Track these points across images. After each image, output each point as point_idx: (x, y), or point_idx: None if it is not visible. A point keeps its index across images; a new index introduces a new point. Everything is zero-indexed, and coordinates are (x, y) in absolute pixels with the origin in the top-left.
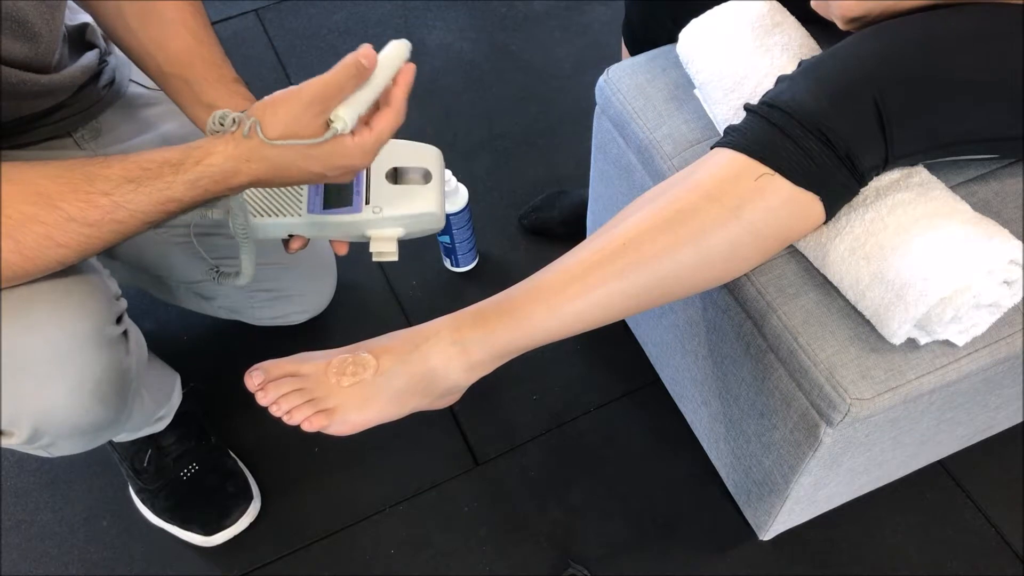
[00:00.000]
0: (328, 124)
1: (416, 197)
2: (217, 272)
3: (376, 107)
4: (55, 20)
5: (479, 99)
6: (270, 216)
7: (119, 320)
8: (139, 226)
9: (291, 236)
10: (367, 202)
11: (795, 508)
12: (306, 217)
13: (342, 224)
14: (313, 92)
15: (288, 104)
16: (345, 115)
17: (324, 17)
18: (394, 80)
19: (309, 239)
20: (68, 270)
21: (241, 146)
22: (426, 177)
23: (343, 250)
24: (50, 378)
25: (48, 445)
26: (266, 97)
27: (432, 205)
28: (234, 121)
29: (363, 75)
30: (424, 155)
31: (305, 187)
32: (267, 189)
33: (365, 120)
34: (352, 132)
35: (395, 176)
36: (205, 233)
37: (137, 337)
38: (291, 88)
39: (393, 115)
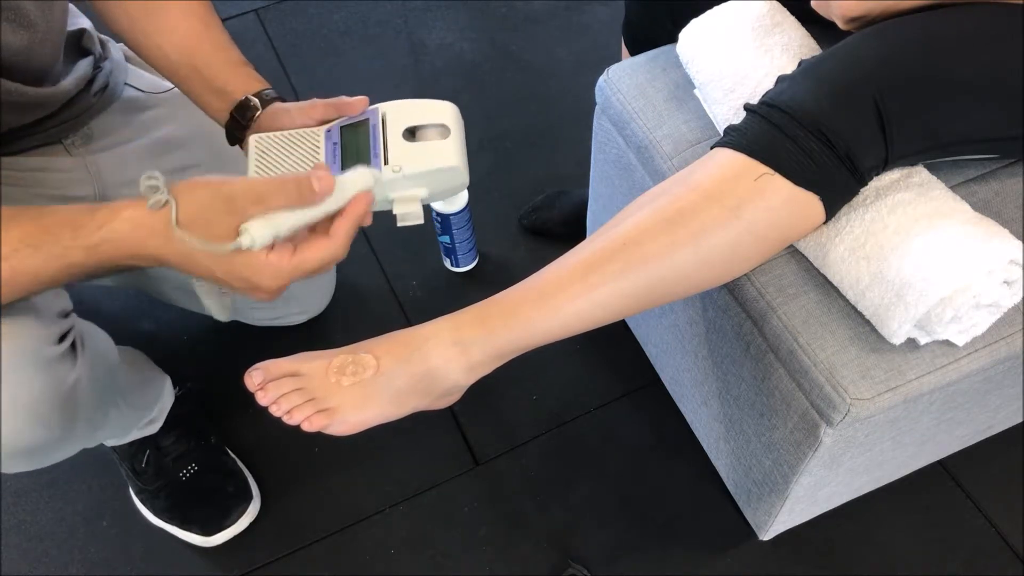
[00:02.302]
0: (239, 233)
1: (436, 152)
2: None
3: (323, 230)
4: (53, 12)
5: (479, 99)
6: None
7: (63, 338)
8: (43, 287)
9: None
10: (386, 162)
11: (795, 508)
12: None
13: None
14: (234, 190)
15: (206, 192)
16: (255, 231)
17: (324, 17)
18: (344, 209)
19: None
20: None
21: (149, 217)
22: (444, 133)
23: (368, 220)
24: None
25: None
26: (196, 177)
27: (453, 159)
28: (151, 189)
29: (303, 199)
30: (440, 111)
31: (321, 158)
32: (283, 165)
33: (295, 242)
34: (271, 249)
35: (412, 136)
36: None
37: (98, 349)
38: (219, 177)
39: (328, 248)
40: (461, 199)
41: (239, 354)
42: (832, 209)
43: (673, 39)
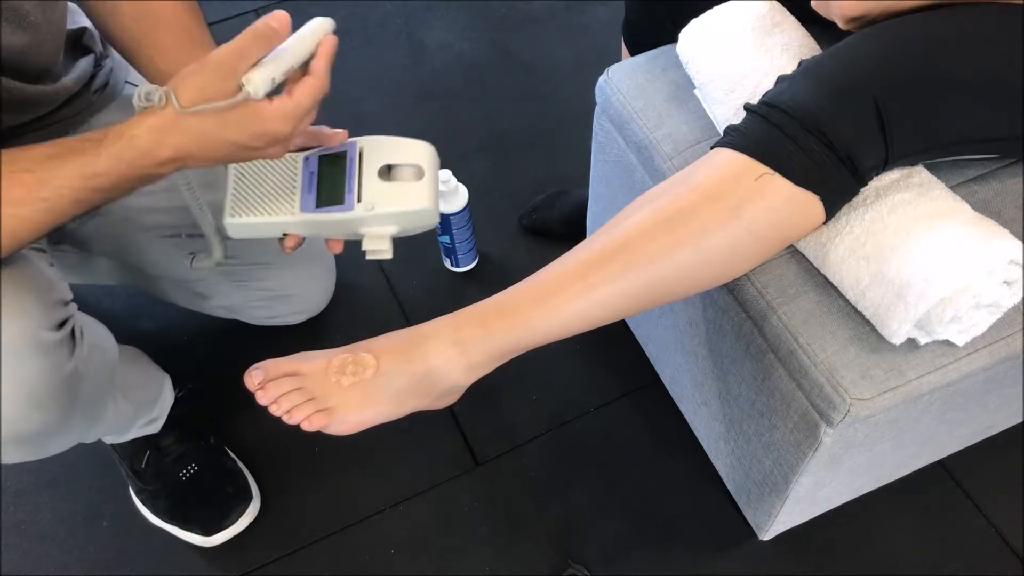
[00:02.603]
0: (241, 87)
1: (409, 193)
2: (192, 256)
3: (300, 76)
4: (54, 13)
5: (479, 99)
6: (264, 215)
7: (63, 324)
8: (68, 205)
9: (285, 235)
10: (359, 200)
11: (795, 508)
12: (299, 216)
13: (335, 222)
14: (221, 57)
15: (198, 72)
16: (256, 77)
17: None
18: (315, 51)
19: (304, 237)
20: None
21: (161, 118)
22: (419, 174)
23: (338, 248)
24: None
25: None
26: (182, 70)
27: (425, 201)
28: (148, 95)
29: (272, 37)
30: (416, 151)
31: (298, 186)
32: (260, 189)
33: (287, 89)
34: (270, 98)
35: (388, 173)
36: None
37: (97, 341)
38: (200, 60)
39: (314, 83)
40: (461, 199)
41: (239, 354)
42: (832, 209)
43: (673, 39)
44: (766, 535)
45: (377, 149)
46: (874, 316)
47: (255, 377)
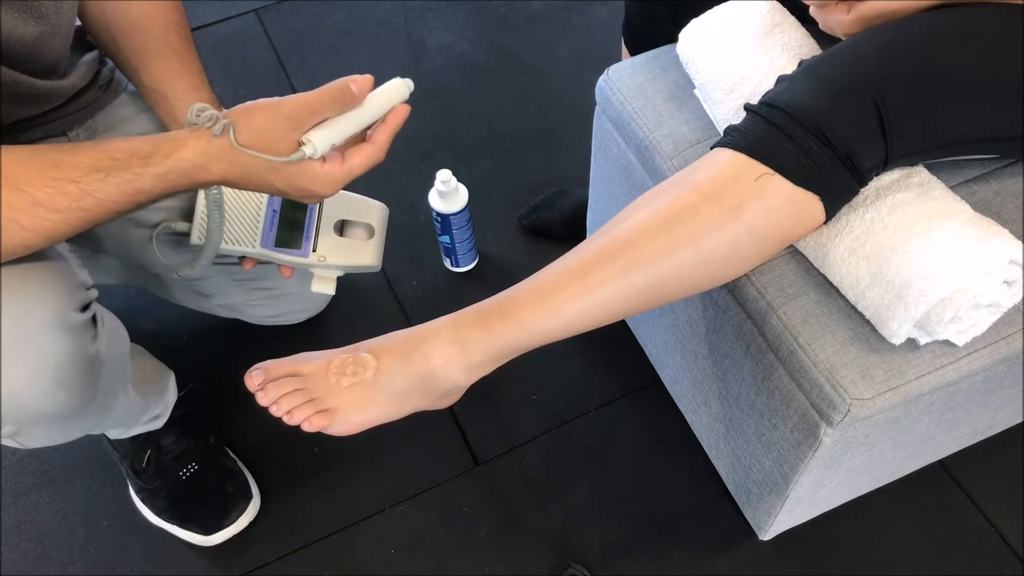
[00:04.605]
0: (300, 144)
1: (358, 251)
2: (175, 266)
3: (360, 139)
4: (63, 6)
5: (479, 99)
6: (228, 243)
7: (86, 308)
8: (107, 214)
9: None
10: (314, 249)
11: (795, 508)
12: (258, 250)
13: (289, 261)
14: (292, 108)
15: (265, 114)
16: (316, 140)
17: (324, 17)
18: (384, 118)
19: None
20: (29, 256)
21: (212, 144)
22: (370, 232)
23: (288, 274)
24: (6, 361)
25: (14, 433)
26: (247, 102)
27: (371, 259)
28: (210, 118)
29: (348, 102)
30: (370, 211)
31: (260, 220)
32: (227, 216)
33: (342, 150)
34: (324, 159)
35: (342, 228)
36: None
37: (114, 329)
38: (273, 99)
39: (371, 153)
40: (461, 199)
41: (239, 354)
42: (832, 209)
43: (673, 39)
44: (766, 535)
45: (336, 203)
46: (874, 316)
47: (255, 378)
